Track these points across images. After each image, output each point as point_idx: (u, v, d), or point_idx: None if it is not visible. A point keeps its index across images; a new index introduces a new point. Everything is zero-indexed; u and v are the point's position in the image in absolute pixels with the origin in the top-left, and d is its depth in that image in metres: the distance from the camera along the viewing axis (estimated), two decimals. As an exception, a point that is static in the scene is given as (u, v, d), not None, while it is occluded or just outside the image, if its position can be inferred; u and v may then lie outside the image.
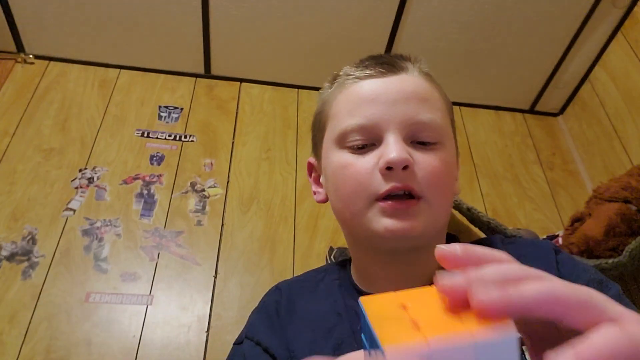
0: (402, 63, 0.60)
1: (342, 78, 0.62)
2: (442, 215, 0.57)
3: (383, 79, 0.58)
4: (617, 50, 1.92)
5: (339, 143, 0.58)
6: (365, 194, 0.54)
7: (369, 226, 0.54)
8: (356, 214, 0.55)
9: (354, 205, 0.55)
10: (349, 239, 0.64)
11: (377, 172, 0.53)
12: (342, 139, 0.57)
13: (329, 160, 0.60)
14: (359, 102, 0.57)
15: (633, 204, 1.33)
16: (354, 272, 0.65)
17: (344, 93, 0.60)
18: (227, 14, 1.81)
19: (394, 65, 0.59)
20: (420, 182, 0.53)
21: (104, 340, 1.35)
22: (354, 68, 0.61)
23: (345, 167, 0.56)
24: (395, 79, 0.58)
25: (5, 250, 1.45)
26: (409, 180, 0.53)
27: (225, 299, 1.48)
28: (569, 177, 2.02)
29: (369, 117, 0.55)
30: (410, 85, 0.57)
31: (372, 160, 0.54)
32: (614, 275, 1.23)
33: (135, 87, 1.92)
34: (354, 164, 0.55)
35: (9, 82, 1.82)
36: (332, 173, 0.59)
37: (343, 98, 0.60)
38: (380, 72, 0.58)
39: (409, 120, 0.55)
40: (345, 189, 0.56)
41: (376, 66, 0.59)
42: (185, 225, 1.61)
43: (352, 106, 0.58)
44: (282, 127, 1.93)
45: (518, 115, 2.19)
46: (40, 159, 1.66)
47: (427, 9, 1.83)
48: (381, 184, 0.53)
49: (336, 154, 0.58)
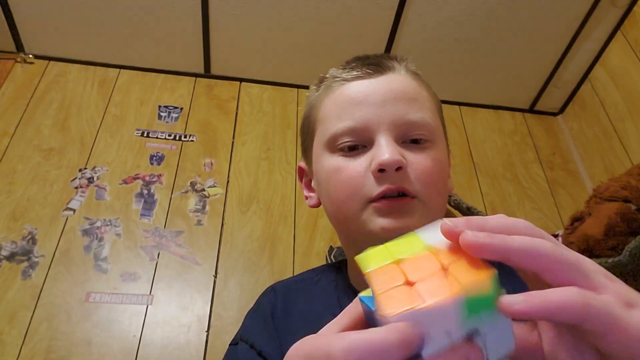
0: (389, 63, 0.59)
1: (328, 80, 0.61)
2: (437, 214, 0.57)
3: (370, 80, 0.57)
4: (617, 50, 1.92)
5: (329, 147, 0.57)
6: (358, 197, 0.53)
7: (365, 227, 0.53)
8: (350, 217, 0.55)
9: (348, 209, 0.55)
10: (345, 242, 0.63)
11: (370, 174, 0.53)
12: (332, 142, 0.56)
13: (320, 165, 0.59)
14: (347, 105, 0.56)
15: (633, 203, 1.33)
16: (350, 273, 0.65)
17: (331, 96, 0.59)
18: (226, 13, 1.81)
19: (380, 66, 0.58)
20: (413, 182, 0.52)
21: (104, 340, 1.35)
22: (341, 70, 0.60)
23: (337, 171, 0.55)
24: (382, 79, 0.57)
25: (5, 250, 1.45)
26: (402, 182, 0.52)
27: (225, 299, 1.48)
28: (569, 177, 2.02)
29: (358, 119, 0.55)
30: (399, 85, 0.57)
31: (364, 163, 0.54)
32: (614, 275, 1.23)
33: (135, 87, 1.92)
34: (345, 167, 0.55)
35: (9, 82, 1.82)
36: (325, 177, 0.58)
37: (331, 101, 0.59)
38: (368, 72, 0.58)
39: (399, 120, 0.54)
40: (338, 193, 0.55)
41: (363, 67, 0.58)
42: (185, 225, 1.61)
43: (340, 109, 0.57)
44: (282, 127, 1.93)
45: (518, 114, 2.19)
46: (40, 159, 1.66)
47: (426, 9, 1.83)
48: (374, 187, 0.52)
49: (327, 158, 0.57)
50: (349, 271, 0.65)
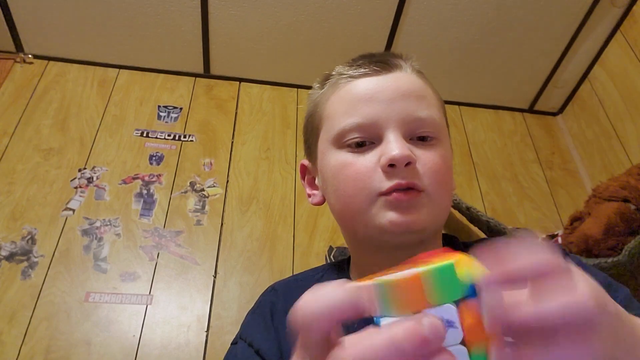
0: (395, 61, 0.59)
1: (334, 78, 0.61)
2: (444, 210, 0.57)
3: (378, 77, 0.58)
4: (616, 50, 1.92)
5: (336, 143, 0.57)
6: (367, 192, 0.53)
7: (373, 221, 0.53)
8: (358, 212, 0.55)
9: (356, 204, 0.55)
10: (350, 240, 0.63)
11: (379, 169, 0.53)
12: (340, 138, 0.56)
13: (326, 161, 0.59)
14: (355, 101, 0.57)
15: (632, 203, 1.34)
16: (353, 272, 0.65)
17: (338, 93, 0.59)
18: (226, 13, 1.81)
19: (387, 64, 0.59)
20: (422, 178, 0.53)
21: (103, 340, 1.35)
22: (347, 67, 0.61)
23: (345, 167, 0.56)
24: (390, 77, 0.58)
25: (4, 250, 1.45)
26: (411, 177, 0.52)
27: (224, 299, 1.48)
28: (568, 177, 2.02)
29: (366, 115, 0.55)
30: (406, 83, 0.57)
31: (373, 158, 0.54)
32: (614, 275, 1.23)
33: (135, 87, 1.92)
34: (354, 162, 0.55)
35: (8, 81, 1.82)
36: (332, 174, 0.58)
37: (337, 98, 0.59)
38: (375, 70, 0.58)
39: (408, 117, 0.54)
40: (347, 188, 0.55)
41: (370, 65, 0.59)
42: (185, 225, 1.61)
43: (348, 106, 0.57)
44: (282, 127, 1.93)
45: (517, 114, 2.20)
46: (40, 159, 1.66)
47: (426, 9, 1.83)
48: (384, 182, 0.52)
49: (334, 154, 0.57)
50: (350, 270, 0.65)
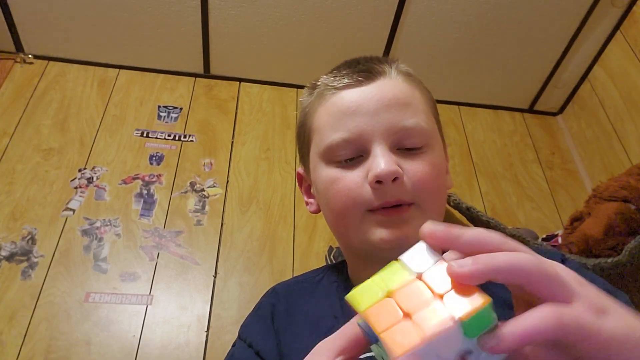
0: (379, 67, 0.59)
1: (320, 88, 0.61)
2: (437, 216, 0.57)
3: (362, 88, 0.57)
4: (616, 50, 1.92)
5: (325, 158, 0.57)
6: (357, 208, 0.54)
7: (364, 238, 0.54)
8: (350, 227, 0.55)
9: (346, 219, 0.55)
10: (343, 248, 0.64)
11: (367, 185, 0.53)
12: (328, 154, 0.57)
13: (318, 175, 0.59)
14: (340, 115, 0.56)
15: (632, 203, 1.34)
16: (351, 274, 0.65)
17: (324, 105, 0.59)
18: (226, 13, 1.81)
19: (371, 72, 0.58)
20: (410, 190, 0.53)
21: (103, 340, 1.35)
22: (332, 78, 0.60)
23: (334, 182, 0.56)
24: (374, 86, 0.57)
25: (4, 251, 1.45)
26: (399, 193, 0.52)
27: (224, 299, 1.48)
28: (568, 177, 2.02)
29: (352, 129, 0.55)
30: (390, 91, 0.57)
31: (360, 173, 0.54)
32: (614, 275, 1.23)
33: (135, 87, 1.92)
34: (342, 178, 0.55)
35: (8, 82, 1.82)
36: (323, 187, 0.58)
37: (324, 110, 0.59)
38: (358, 80, 0.57)
39: (393, 128, 0.54)
40: (337, 203, 0.56)
41: (353, 75, 0.58)
42: (185, 225, 1.61)
43: (334, 119, 0.57)
44: (282, 127, 1.93)
45: (517, 114, 2.19)
46: (40, 159, 1.66)
47: (426, 9, 1.83)
48: (372, 198, 0.53)
49: (324, 170, 0.58)
50: (349, 272, 0.66)
